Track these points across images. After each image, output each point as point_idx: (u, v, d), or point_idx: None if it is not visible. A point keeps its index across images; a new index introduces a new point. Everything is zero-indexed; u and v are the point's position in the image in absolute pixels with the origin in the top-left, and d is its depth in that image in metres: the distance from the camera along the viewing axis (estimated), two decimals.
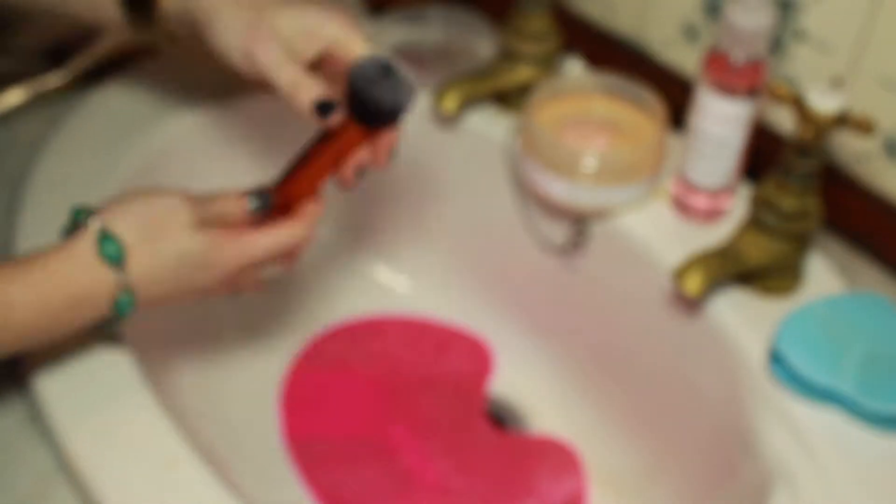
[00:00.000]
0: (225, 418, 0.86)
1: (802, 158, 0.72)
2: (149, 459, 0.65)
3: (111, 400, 0.67)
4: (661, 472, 0.85)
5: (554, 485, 0.88)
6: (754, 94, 0.75)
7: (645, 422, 0.87)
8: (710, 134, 0.77)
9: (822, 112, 0.69)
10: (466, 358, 0.96)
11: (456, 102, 0.87)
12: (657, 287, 0.81)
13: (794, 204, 0.73)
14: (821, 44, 0.80)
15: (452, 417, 0.92)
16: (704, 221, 0.82)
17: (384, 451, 0.89)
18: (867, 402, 0.68)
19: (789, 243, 0.75)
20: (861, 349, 0.71)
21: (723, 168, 0.79)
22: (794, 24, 0.81)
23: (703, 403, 0.80)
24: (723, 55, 0.74)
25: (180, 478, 0.64)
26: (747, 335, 0.75)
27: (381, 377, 0.94)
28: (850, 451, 0.69)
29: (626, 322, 0.87)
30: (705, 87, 0.76)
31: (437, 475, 0.88)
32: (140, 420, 0.67)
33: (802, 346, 0.71)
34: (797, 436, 0.70)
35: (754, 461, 0.72)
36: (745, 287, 0.77)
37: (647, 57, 0.93)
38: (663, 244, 0.81)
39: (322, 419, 0.90)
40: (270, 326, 0.95)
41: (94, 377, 0.68)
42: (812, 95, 0.69)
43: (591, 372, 0.92)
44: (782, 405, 0.71)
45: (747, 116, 0.76)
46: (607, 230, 0.84)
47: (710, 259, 0.73)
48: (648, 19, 0.92)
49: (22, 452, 0.67)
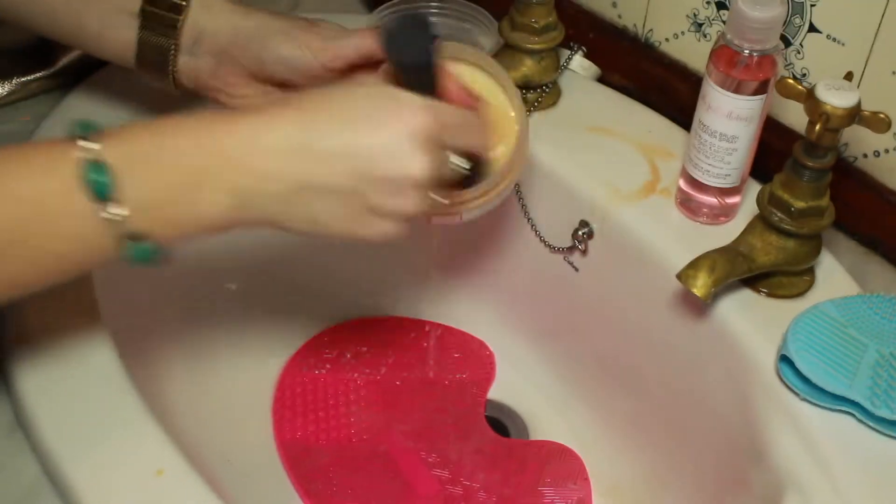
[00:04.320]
0: (216, 423, 0.85)
1: (814, 156, 0.71)
2: (136, 466, 0.64)
3: (98, 404, 0.66)
4: (667, 480, 0.85)
5: (559, 492, 0.87)
6: (764, 90, 0.74)
7: (650, 428, 0.87)
8: (718, 131, 0.76)
9: (835, 108, 0.68)
10: (467, 362, 0.96)
11: None
12: (663, 289, 0.80)
13: (805, 203, 0.72)
14: (833, 38, 0.79)
15: (453, 423, 0.91)
16: (711, 221, 0.81)
17: (382, 457, 0.88)
18: (879, 409, 0.67)
19: (800, 243, 0.74)
20: (873, 352, 0.70)
21: (731, 166, 0.78)
22: (805, 17, 0.80)
23: (710, 409, 0.80)
24: (732, 49, 0.73)
25: (168, 485, 0.63)
26: (756, 338, 0.74)
27: (379, 381, 0.94)
28: (863, 458, 0.68)
29: (631, 325, 0.86)
30: (713, 81, 0.75)
31: (437, 482, 0.87)
32: (127, 425, 0.66)
33: (812, 349, 0.70)
34: (808, 443, 0.69)
35: (764, 469, 0.71)
36: (753, 288, 0.77)
37: (652, 50, 0.92)
38: (669, 245, 0.80)
39: (317, 424, 0.89)
40: (264, 327, 0.95)
41: (81, 381, 0.67)
42: (824, 91, 0.68)
43: (594, 377, 0.91)
44: (792, 410, 0.70)
45: (757, 113, 0.75)
46: (611, 231, 0.84)
47: (717, 260, 0.72)
48: (654, 11, 0.91)
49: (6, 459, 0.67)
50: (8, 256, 0.54)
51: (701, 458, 0.81)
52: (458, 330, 0.98)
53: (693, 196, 0.81)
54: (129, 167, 0.55)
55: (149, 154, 0.56)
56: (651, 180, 0.84)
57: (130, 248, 0.56)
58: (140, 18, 0.72)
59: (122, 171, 0.54)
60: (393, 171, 0.57)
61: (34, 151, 0.56)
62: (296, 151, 0.56)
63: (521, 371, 0.95)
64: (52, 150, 0.55)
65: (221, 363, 0.91)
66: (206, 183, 0.56)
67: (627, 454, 0.88)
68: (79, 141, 0.54)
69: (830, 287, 0.77)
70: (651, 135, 0.88)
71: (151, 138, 0.56)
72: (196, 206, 0.56)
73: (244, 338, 0.93)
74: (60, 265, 0.57)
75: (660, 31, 0.91)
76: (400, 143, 0.57)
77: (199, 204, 0.56)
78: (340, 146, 0.57)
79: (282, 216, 0.58)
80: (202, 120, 0.57)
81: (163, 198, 0.56)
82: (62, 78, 0.89)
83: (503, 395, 0.95)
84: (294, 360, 0.93)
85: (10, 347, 0.69)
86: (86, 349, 0.69)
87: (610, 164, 0.85)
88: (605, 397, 0.90)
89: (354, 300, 0.98)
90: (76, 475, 0.63)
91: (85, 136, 0.55)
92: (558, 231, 0.88)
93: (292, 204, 0.58)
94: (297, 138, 0.57)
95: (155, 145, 0.56)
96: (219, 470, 0.79)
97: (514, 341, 0.96)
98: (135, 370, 0.70)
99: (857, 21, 0.77)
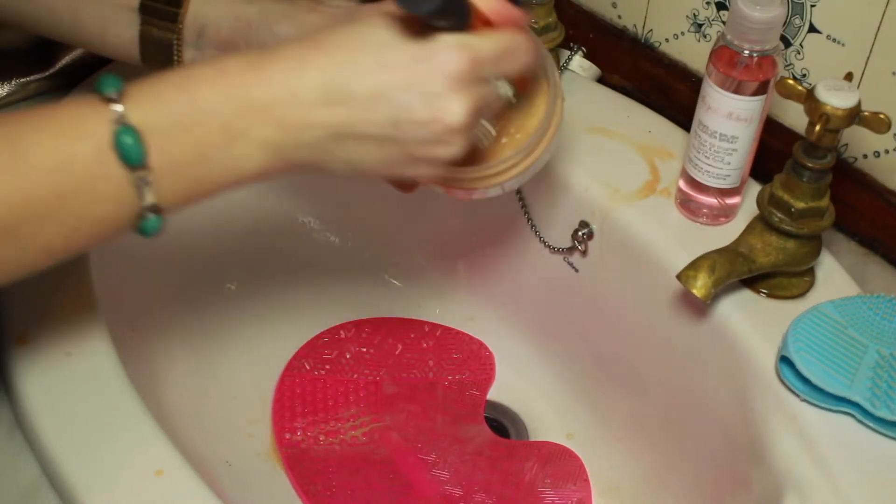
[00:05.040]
0: (216, 423, 0.85)
1: (814, 156, 0.70)
2: (136, 466, 0.64)
3: (97, 405, 0.66)
4: (667, 481, 0.85)
5: (559, 493, 0.87)
6: (764, 91, 0.74)
7: (650, 429, 0.87)
8: (718, 131, 0.76)
9: (835, 109, 0.67)
10: (467, 363, 0.96)
11: None
12: (663, 290, 0.80)
13: (805, 203, 0.72)
14: (833, 38, 0.79)
15: (453, 424, 0.91)
16: (711, 221, 0.81)
17: (382, 457, 0.88)
18: (879, 409, 0.67)
19: (800, 244, 0.74)
20: (873, 353, 0.70)
21: (731, 167, 0.78)
22: (805, 18, 0.80)
23: (710, 409, 0.80)
24: (731, 49, 0.73)
25: (168, 485, 0.63)
26: (756, 338, 0.74)
27: (379, 382, 0.93)
28: (863, 459, 0.68)
29: (631, 326, 0.86)
30: (713, 82, 0.74)
31: (436, 483, 0.87)
32: (127, 425, 0.66)
33: (812, 350, 0.69)
34: (808, 443, 0.69)
35: (764, 470, 0.71)
36: (753, 289, 0.76)
37: (652, 51, 0.92)
38: (669, 245, 0.80)
39: (317, 425, 0.89)
40: (264, 328, 0.94)
41: (80, 381, 0.67)
42: (824, 92, 0.68)
43: (594, 377, 0.91)
44: (792, 411, 0.70)
45: (757, 113, 0.75)
46: (611, 232, 0.83)
47: (717, 260, 0.72)
48: (654, 11, 0.90)
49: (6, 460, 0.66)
50: (45, 222, 0.53)
51: (701, 458, 0.81)
52: (457, 330, 0.97)
53: (693, 196, 0.80)
54: (158, 129, 0.53)
55: (177, 113, 0.54)
56: (651, 181, 0.84)
57: (146, 218, 0.55)
58: (140, 14, 0.71)
59: (150, 133, 0.53)
60: (429, 117, 0.56)
61: (64, 114, 0.54)
62: (328, 99, 0.55)
63: (521, 372, 0.95)
64: (80, 111, 0.53)
65: (221, 363, 0.91)
66: (239, 138, 0.55)
67: (627, 455, 0.88)
68: (110, 105, 0.53)
69: (830, 288, 0.77)
70: (651, 135, 0.88)
71: (178, 94, 0.55)
72: (229, 162, 0.55)
73: (244, 338, 0.93)
74: (99, 230, 0.55)
75: (660, 31, 0.91)
76: (435, 87, 0.56)
77: (231, 160, 0.55)
78: (374, 92, 0.55)
79: (319, 162, 0.57)
80: (231, 70, 0.56)
81: (193, 157, 0.54)
82: (61, 79, 0.89)
83: (503, 396, 0.94)
84: (294, 361, 0.93)
85: (10, 348, 0.69)
86: (85, 350, 0.69)
87: (610, 165, 0.85)
88: (604, 398, 0.90)
89: (354, 300, 0.98)
90: (76, 476, 0.63)
91: (110, 96, 0.53)
92: (558, 232, 0.88)
93: (328, 151, 0.57)
94: (328, 85, 0.55)
95: (182, 102, 0.54)
96: (218, 470, 0.78)
97: (513, 342, 0.96)
98: (134, 370, 0.70)
99: (857, 21, 0.76)
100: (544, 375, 0.94)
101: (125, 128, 0.52)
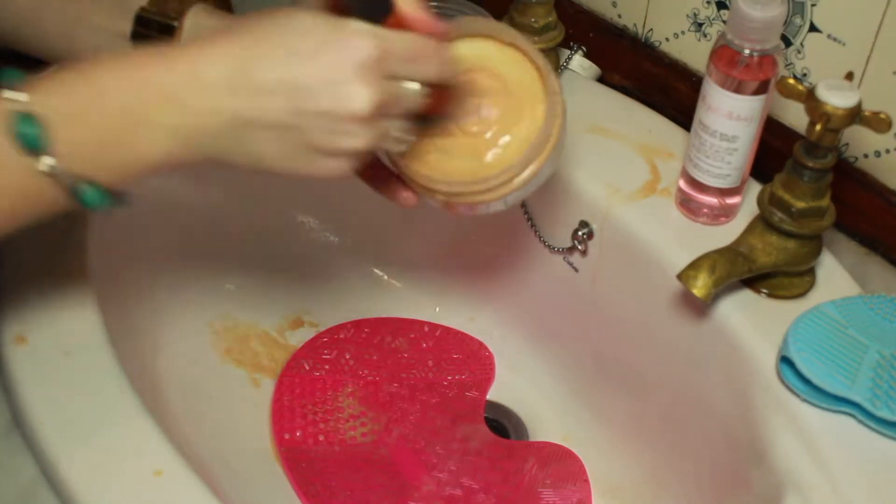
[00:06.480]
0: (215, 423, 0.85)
1: (814, 156, 0.70)
2: (134, 466, 0.64)
3: (96, 405, 0.66)
4: (667, 481, 0.84)
5: (558, 494, 0.87)
6: (764, 90, 0.73)
7: (650, 429, 0.86)
8: (718, 131, 0.75)
9: (836, 108, 0.67)
10: (467, 363, 0.96)
11: None
12: (663, 290, 0.80)
13: (806, 203, 0.72)
14: (833, 37, 0.79)
15: (452, 424, 0.91)
16: (712, 221, 0.81)
17: (381, 458, 0.88)
18: (880, 409, 0.67)
19: (801, 244, 0.74)
20: (874, 353, 0.69)
21: (731, 166, 0.77)
22: (806, 17, 0.80)
23: (710, 410, 0.79)
24: (732, 49, 0.73)
25: (167, 485, 0.63)
26: (756, 339, 0.74)
27: (378, 382, 0.93)
28: (863, 459, 0.67)
29: (631, 326, 0.86)
30: (713, 81, 0.74)
31: (436, 484, 0.87)
32: (126, 425, 0.66)
33: (813, 350, 0.69)
34: (808, 443, 0.69)
35: (764, 470, 0.71)
36: (754, 289, 0.76)
37: (652, 50, 0.92)
38: (669, 245, 0.80)
39: (316, 425, 0.89)
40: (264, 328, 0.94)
41: (79, 381, 0.67)
42: (825, 91, 0.68)
43: (594, 377, 0.91)
44: (792, 411, 0.70)
45: (757, 113, 0.74)
46: (611, 232, 0.83)
47: (717, 260, 0.72)
48: (654, 11, 0.90)
49: (4, 460, 0.66)
50: None
51: (701, 458, 0.81)
52: (457, 331, 0.97)
53: (693, 196, 0.80)
54: (62, 116, 0.53)
55: (82, 100, 0.54)
56: (651, 180, 0.84)
57: (81, 195, 0.54)
58: (133, 42, 0.70)
59: (54, 120, 0.52)
60: (333, 105, 0.55)
61: None
62: (232, 85, 0.54)
63: (521, 372, 0.95)
64: None
65: (221, 363, 0.90)
66: (143, 123, 0.54)
67: (627, 455, 0.88)
68: (5, 92, 0.52)
69: (831, 287, 0.77)
70: (651, 135, 0.88)
71: (85, 84, 0.54)
72: (135, 148, 0.55)
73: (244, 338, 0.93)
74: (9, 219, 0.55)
75: (660, 30, 0.91)
76: (341, 75, 0.54)
77: (137, 145, 0.55)
78: (278, 79, 0.54)
79: (224, 153, 0.56)
80: (141, 57, 0.55)
81: (99, 144, 0.54)
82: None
83: (502, 397, 0.94)
84: (293, 361, 0.93)
85: (7, 348, 0.69)
86: (84, 349, 0.69)
87: (610, 165, 0.85)
88: (604, 398, 0.90)
89: (354, 300, 0.98)
90: (74, 475, 0.63)
91: (11, 86, 0.53)
92: (558, 231, 0.87)
93: (233, 140, 0.56)
94: (233, 72, 0.54)
95: (88, 90, 0.54)
96: (217, 471, 0.78)
97: (513, 342, 0.96)
98: (133, 370, 0.70)
99: (858, 21, 0.76)
100: (544, 376, 0.94)
101: (24, 115, 0.52)
